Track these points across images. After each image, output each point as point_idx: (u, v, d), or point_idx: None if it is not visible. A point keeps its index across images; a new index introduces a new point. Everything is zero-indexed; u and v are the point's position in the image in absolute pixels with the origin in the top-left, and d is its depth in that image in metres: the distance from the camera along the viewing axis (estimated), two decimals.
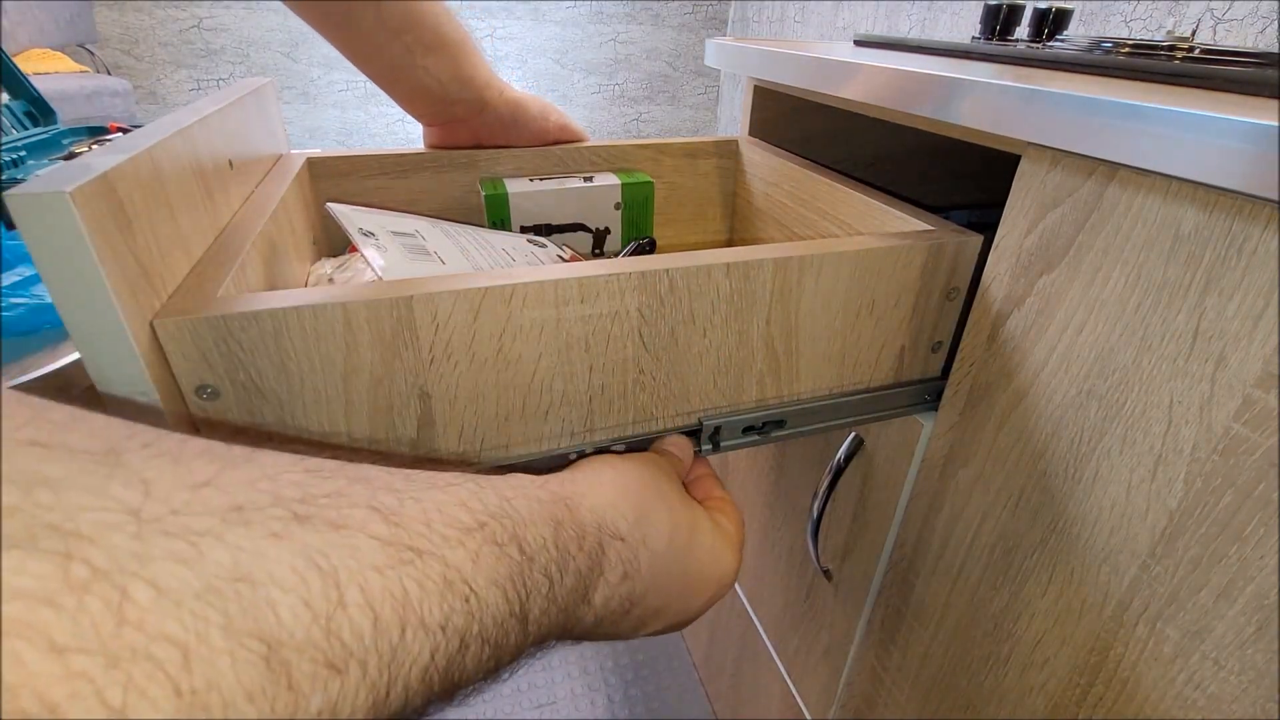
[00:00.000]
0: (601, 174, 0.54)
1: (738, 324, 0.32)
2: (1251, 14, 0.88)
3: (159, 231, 0.26)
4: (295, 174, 0.44)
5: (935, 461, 0.42)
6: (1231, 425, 0.26)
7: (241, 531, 0.14)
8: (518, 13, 2.51)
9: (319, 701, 0.14)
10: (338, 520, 0.16)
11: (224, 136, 0.36)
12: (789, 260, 0.32)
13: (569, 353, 0.30)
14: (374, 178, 0.50)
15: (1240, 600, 0.27)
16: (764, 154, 0.55)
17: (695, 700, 0.98)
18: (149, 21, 2.36)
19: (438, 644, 0.17)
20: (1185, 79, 0.34)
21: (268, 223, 0.36)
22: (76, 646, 0.11)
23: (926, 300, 0.36)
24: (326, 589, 0.15)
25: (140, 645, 0.12)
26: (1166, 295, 0.28)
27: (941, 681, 0.45)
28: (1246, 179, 0.23)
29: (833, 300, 0.34)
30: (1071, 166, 0.31)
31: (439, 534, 0.18)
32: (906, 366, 0.39)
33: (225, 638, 0.13)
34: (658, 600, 0.27)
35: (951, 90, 0.35)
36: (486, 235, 0.47)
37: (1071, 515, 0.34)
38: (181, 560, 0.13)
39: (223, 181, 0.35)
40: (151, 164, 0.26)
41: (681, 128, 2.85)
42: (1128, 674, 0.32)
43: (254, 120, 0.43)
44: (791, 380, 0.36)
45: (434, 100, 0.49)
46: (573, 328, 0.29)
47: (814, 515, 0.51)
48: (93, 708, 0.11)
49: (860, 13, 1.81)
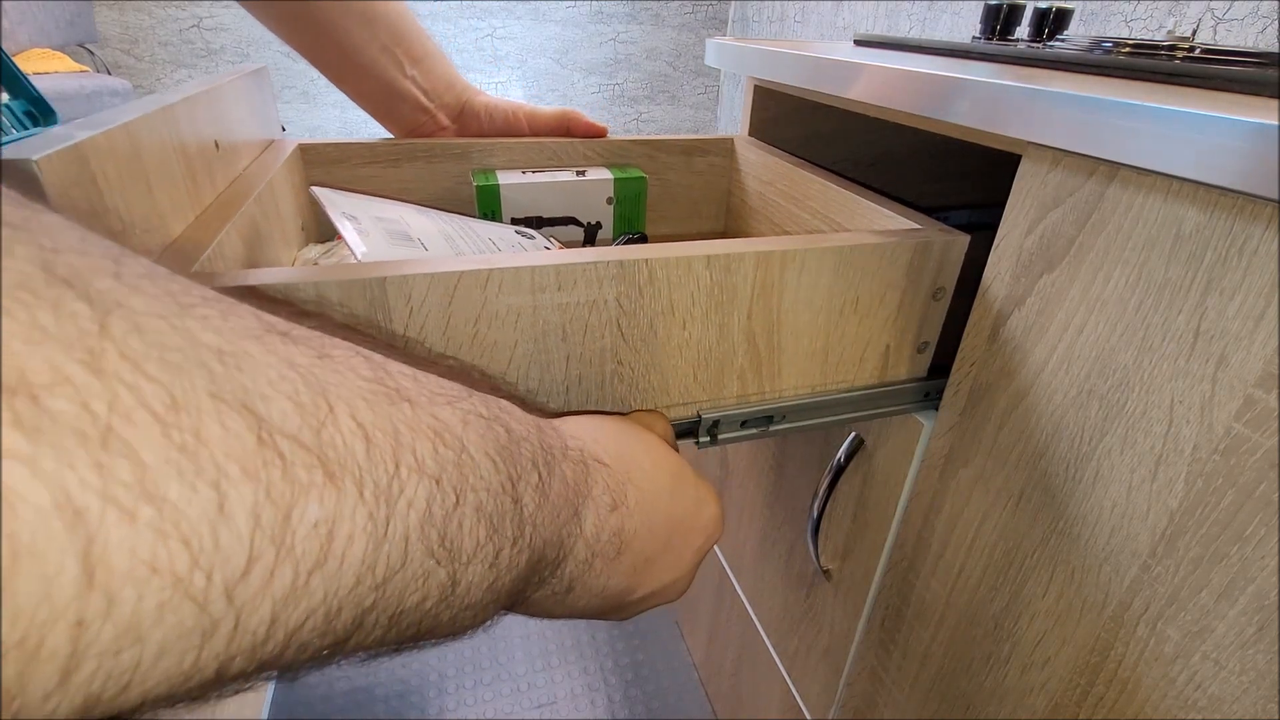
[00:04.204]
0: (595, 168, 0.54)
1: (718, 317, 0.32)
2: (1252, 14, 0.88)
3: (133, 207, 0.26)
4: (285, 159, 0.44)
5: (935, 461, 0.42)
6: (1233, 425, 0.26)
7: (225, 326, 0.13)
8: (518, 13, 2.51)
9: (316, 511, 0.12)
10: (324, 350, 0.15)
11: (210, 118, 0.35)
12: (771, 254, 0.31)
13: (545, 341, 0.29)
14: (366, 166, 0.50)
15: (1241, 600, 0.27)
16: (759, 153, 0.55)
17: (695, 700, 0.98)
18: (149, 21, 2.36)
19: (433, 494, 0.15)
20: (1186, 79, 0.34)
21: (251, 205, 0.35)
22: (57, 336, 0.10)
23: (912, 300, 0.36)
24: (315, 399, 0.13)
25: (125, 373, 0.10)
26: (1167, 295, 0.28)
27: (941, 681, 0.45)
28: (1247, 179, 0.23)
29: (816, 296, 0.33)
30: (1072, 166, 0.31)
31: (427, 391, 0.17)
32: (892, 366, 0.38)
33: (213, 401, 0.11)
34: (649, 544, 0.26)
35: (952, 90, 0.35)
36: (473, 224, 0.47)
37: (1072, 515, 0.34)
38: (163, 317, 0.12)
39: (207, 162, 0.34)
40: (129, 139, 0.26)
41: (681, 127, 2.85)
42: (1128, 674, 0.32)
43: (245, 104, 0.42)
44: (774, 376, 0.35)
45: (419, 110, 0.50)
46: (550, 316, 0.29)
47: (814, 515, 0.51)
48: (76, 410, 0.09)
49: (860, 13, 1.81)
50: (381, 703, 0.97)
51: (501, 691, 0.99)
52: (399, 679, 1.00)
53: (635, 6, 2.61)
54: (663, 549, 0.27)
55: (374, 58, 0.47)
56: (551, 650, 1.05)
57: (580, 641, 1.07)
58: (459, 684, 1.00)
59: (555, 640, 1.07)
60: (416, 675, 1.01)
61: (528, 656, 1.04)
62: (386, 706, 0.97)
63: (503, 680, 1.01)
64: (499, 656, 1.04)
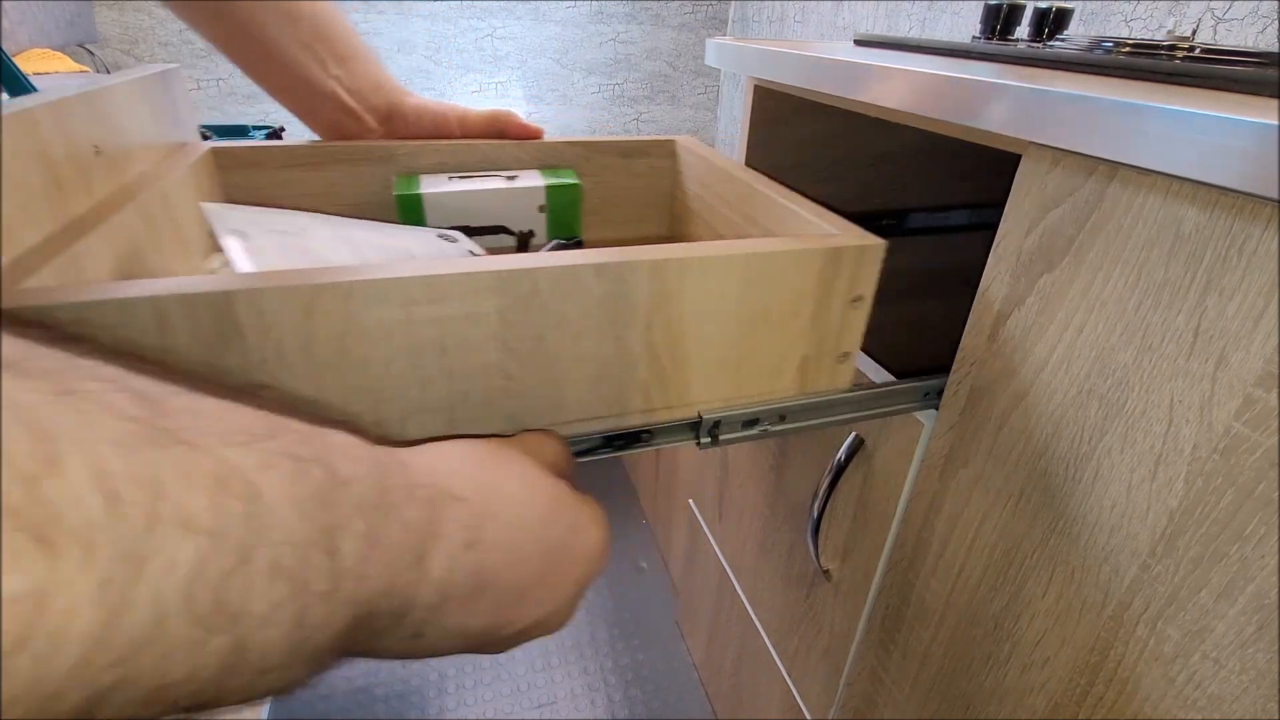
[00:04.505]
0: (527, 173, 0.52)
1: (614, 330, 0.30)
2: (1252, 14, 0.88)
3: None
4: (192, 163, 0.42)
5: (935, 461, 0.42)
6: (1232, 424, 0.26)
7: None
8: (518, 13, 2.51)
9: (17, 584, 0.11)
10: (67, 386, 0.13)
11: (90, 121, 0.34)
12: (666, 263, 0.29)
13: (422, 356, 0.27)
14: (286, 169, 0.47)
15: (1241, 600, 0.27)
16: (696, 155, 0.53)
17: (695, 700, 0.98)
18: (149, 21, 2.36)
19: (206, 554, 0.13)
20: (1186, 78, 0.34)
21: (131, 213, 0.33)
22: None
23: (828, 308, 0.34)
24: (33, 448, 0.12)
25: None
26: (1167, 295, 0.28)
27: (941, 681, 0.45)
28: (1247, 178, 0.23)
29: (721, 306, 0.32)
30: (1072, 166, 0.31)
31: (216, 430, 0.15)
32: (811, 378, 0.37)
33: None
34: (517, 579, 0.24)
35: (952, 90, 0.35)
36: (391, 232, 0.44)
37: (1072, 515, 0.34)
38: None
39: (81, 169, 0.33)
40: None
41: (681, 127, 2.85)
42: (1128, 674, 0.32)
43: (145, 106, 0.40)
44: (682, 390, 0.34)
45: (343, 110, 0.48)
46: (425, 330, 0.27)
47: (814, 515, 0.51)
48: None
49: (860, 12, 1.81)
50: (382, 702, 0.97)
51: (501, 691, 0.99)
52: (399, 679, 1.00)
53: (635, 6, 2.61)
54: (535, 582, 0.25)
55: (295, 56, 0.45)
56: (551, 650, 1.05)
57: (580, 641, 1.07)
58: (459, 684, 1.00)
59: (555, 640, 1.07)
60: (417, 675, 1.01)
61: (528, 656, 1.04)
62: (387, 706, 0.97)
63: (503, 680, 1.01)
64: (499, 656, 1.04)
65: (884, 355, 0.46)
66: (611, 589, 1.16)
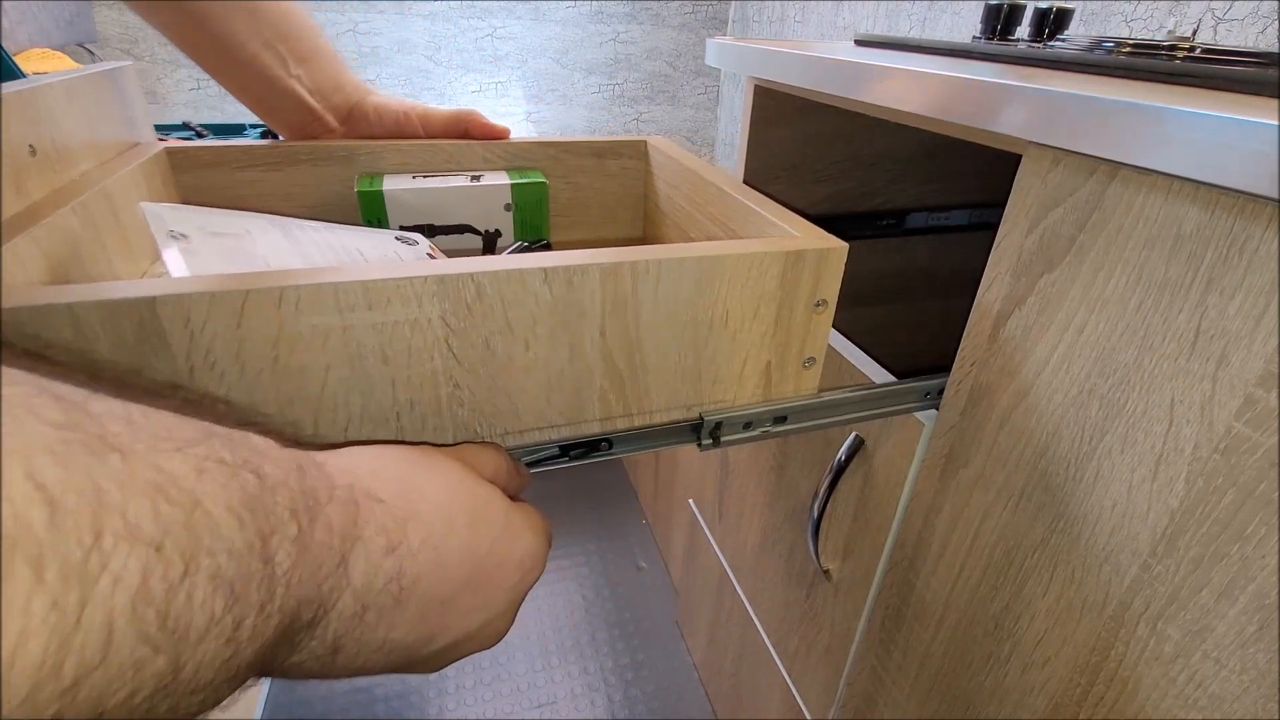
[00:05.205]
0: (493, 172, 0.51)
1: (567, 336, 0.29)
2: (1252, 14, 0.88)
3: None
4: (142, 164, 0.41)
5: (935, 461, 0.42)
6: (1233, 424, 0.26)
7: None
8: (518, 13, 2.51)
9: None
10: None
11: (26, 121, 0.33)
12: (619, 266, 0.29)
13: (363, 364, 0.27)
14: (244, 170, 0.46)
15: (1241, 600, 0.27)
16: (666, 155, 0.53)
17: (695, 700, 0.98)
18: None
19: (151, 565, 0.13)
20: (1186, 78, 0.34)
21: (67, 214, 0.33)
22: None
23: (790, 313, 0.34)
24: None
25: None
26: (1168, 294, 0.28)
27: (942, 681, 0.45)
28: (1247, 178, 0.23)
29: (678, 311, 0.31)
30: (1073, 166, 0.31)
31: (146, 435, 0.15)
32: (775, 384, 0.36)
33: None
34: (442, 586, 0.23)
35: (952, 90, 0.35)
36: (345, 234, 0.43)
37: (1072, 515, 0.34)
38: None
39: (14, 170, 0.32)
40: None
41: (681, 127, 2.85)
42: (1129, 673, 0.32)
43: (92, 105, 0.40)
44: (641, 396, 0.33)
45: (304, 110, 0.48)
46: (364, 337, 0.26)
47: (814, 515, 0.51)
48: None
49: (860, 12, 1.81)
50: (382, 703, 0.97)
51: (501, 691, 0.99)
52: (399, 679, 1.00)
53: (635, 6, 2.61)
54: (462, 589, 0.24)
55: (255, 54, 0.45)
56: (551, 650, 1.05)
57: (580, 641, 1.07)
58: (459, 684, 1.00)
59: (555, 640, 1.07)
60: (417, 675, 1.01)
61: (528, 656, 1.04)
62: (387, 706, 0.97)
63: (503, 680, 1.01)
64: (499, 656, 1.04)
65: (884, 355, 0.46)
66: (611, 589, 1.16)
